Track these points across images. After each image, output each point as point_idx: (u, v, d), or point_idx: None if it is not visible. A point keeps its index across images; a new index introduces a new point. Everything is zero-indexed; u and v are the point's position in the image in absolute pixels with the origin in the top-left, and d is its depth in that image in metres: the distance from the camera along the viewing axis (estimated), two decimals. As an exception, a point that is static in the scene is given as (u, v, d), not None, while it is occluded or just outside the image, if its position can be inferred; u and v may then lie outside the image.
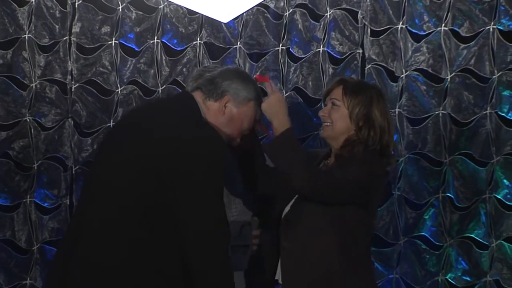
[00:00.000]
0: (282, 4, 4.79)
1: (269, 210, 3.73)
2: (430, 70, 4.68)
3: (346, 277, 3.43)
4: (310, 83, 4.78)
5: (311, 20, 4.77)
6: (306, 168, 3.40)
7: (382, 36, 4.72)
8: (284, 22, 4.78)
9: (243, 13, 4.76)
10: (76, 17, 4.84)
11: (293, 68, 4.79)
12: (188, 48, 4.83)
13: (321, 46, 4.76)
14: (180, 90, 4.77)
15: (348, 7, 4.75)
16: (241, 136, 3.47)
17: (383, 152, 3.51)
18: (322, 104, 4.66)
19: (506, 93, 4.61)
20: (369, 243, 3.57)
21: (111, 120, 4.83)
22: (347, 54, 4.75)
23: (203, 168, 3.19)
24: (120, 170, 3.23)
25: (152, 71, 4.84)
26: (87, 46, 4.86)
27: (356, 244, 3.46)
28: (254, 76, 3.64)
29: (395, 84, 4.69)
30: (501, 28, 4.61)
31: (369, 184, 3.44)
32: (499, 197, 4.60)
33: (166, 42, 4.84)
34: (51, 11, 4.85)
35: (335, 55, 4.76)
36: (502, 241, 4.59)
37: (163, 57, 4.83)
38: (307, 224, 3.47)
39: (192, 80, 3.84)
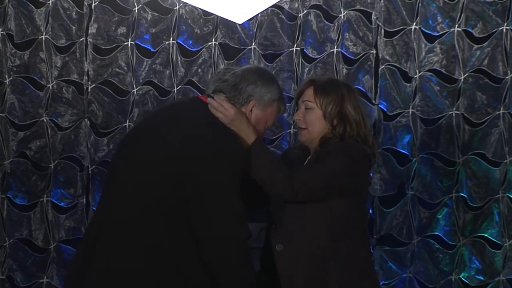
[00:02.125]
0: (296, 5, 4.81)
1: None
2: (443, 71, 4.69)
3: (342, 271, 3.42)
4: (324, 84, 4.79)
5: (325, 21, 4.79)
6: (282, 174, 3.41)
7: (396, 37, 4.74)
8: (299, 23, 4.80)
9: (257, 14, 4.78)
10: (92, 18, 4.86)
11: (307, 68, 4.81)
12: (203, 49, 4.85)
13: (335, 47, 4.78)
14: (195, 91, 4.81)
15: (362, 8, 4.77)
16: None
17: (363, 142, 3.54)
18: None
19: (519, 93, 4.64)
20: (363, 231, 3.57)
21: (127, 120, 4.86)
22: (361, 54, 4.77)
23: (220, 168, 3.21)
24: (141, 172, 3.25)
25: (167, 71, 4.86)
26: (103, 47, 4.88)
27: (349, 236, 3.45)
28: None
29: (408, 84, 4.71)
30: (514, 28, 4.64)
31: (350, 171, 3.44)
32: (512, 196, 4.62)
33: (182, 43, 4.86)
34: (68, 12, 4.87)
35: (349, 55, 4.78)
36: (515, 241, 4.61)
37: (179, 58, 4.85)
38: (294, 225, 3.48)
39: (213, 83, 3.83)
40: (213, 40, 4.85)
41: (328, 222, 3.44)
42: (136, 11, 4.86)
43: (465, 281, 4.68)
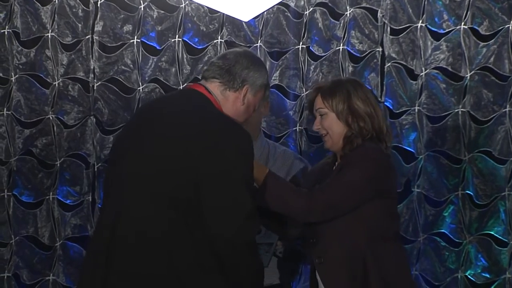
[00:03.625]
0: (302, 3, 4.81)
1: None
2: (449, 68, 4.70)
3: (382, 273, 3.46)
4: (330, 81, 4.80)
5: (331, 19, 4.79)
6: (302, 199, 3.43)
7: (402, 34, 4.74)
8: (304, 20, 4.81)
9: (263, 12, 4.78)
10: (98, 16, 4.87)
11: (313, 66, 4.82)
12: (209, 47, 4.86)
13: (341, 45, 4.79)
14: None
15: (368, 5, 4.77)
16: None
17: (379, 137, 3.57)
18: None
19: (525, 91, 4.64)
20: (397, 231, 3.61)
21: (133, 118, 4.87)
22: (367, 52, 4.77)
23: (231, 159, 3.18)
24: (149, 169, 3.21)
25: (173, 69, 4.87)
26: (109, 45, 4.89)
27: (385, 237, 3.49)
28: None
29: (414, 82, 4.72)
30: (520, 26, 4.64)
31: (371, 177, 3.45)
32: (518, 194, 4.63)
33: (187, 41, 4.87)
34: (74, 10, 4.88)
35: (355, 53, 4.78)
36: (522, 238, 4.62)
37: (184, 56, 4.85)
38: (330, 237, 3.50)
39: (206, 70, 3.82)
40: (219, 37, 4.86)
41: (364, 228, 3.47)
42: (142, 8, 4.87)
43: (471, 278, 4.68)
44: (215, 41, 4.85)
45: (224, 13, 4.80)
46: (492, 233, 4.66)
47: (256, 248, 3.23)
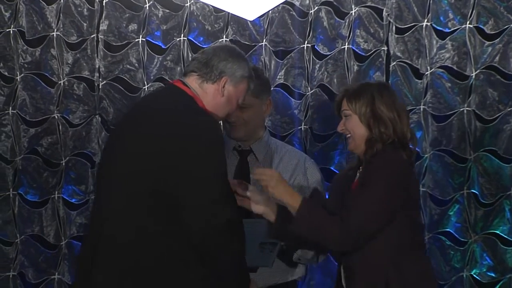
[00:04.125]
0: (307, 1, 4.81)
1: None
2: (455, 67, 4.70)
3: (406, 282, 3.50)
4: (335, 80, 4.80)
5: (336, 18, 4.79)
6: (336, 228, 3.44)
7: (407, 33, 4.74)
8: (310, 19, 4.81)
9: (268, 11, 4.78)
10: (103, 15, 4.87)
11: (318, 65, 4.81)
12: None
13: (346, 44, 4.79)
14: None
15: (373, 4, 4.77)
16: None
17: (402, 142, 3.58)
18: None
19: (531, 90, 4.64)
20: (421, 241, 3.66)
21: (138, 117, 4.87)
22: (372, 51, 4.77)
23: (200, 153, 3.24)
24: (128, 168, 3.29)
25: (178, 68, 4.86)
26: (114, 44, 4.89)
27: (407, 250, 3.52)
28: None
29: (420, 81, 4.71)
30: (526, 25, 4.64)
31: (398, 190, 3.47)
32: (523, 193, 4.62)
33: (193, 40, 4.87)
34: (79, 9, 4.88)
35: (360, 52, 4.78)
36: (527, 238, 4.62)
37: (190, 55, 4.85)
38: (359, 258, 3.54)
39: (187, 65, 3.84)
40: (224, 36, 4.86)
41: (387, 240, 3.50)
42: (147, 7, 4.87)
43: (477, 277, 4.68)
44: (220, 40, 4.85)
45: (229, 12, 4.80)
46: (497, 232, 4.65)
47: (235, 230, 3.28)
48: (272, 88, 4.79)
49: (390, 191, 3.46)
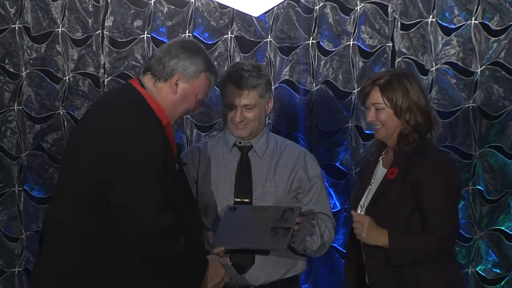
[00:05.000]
0: (312, -2, 4.82)
1: None
2: (460, 64, 4.69)
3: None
4: (340, 76, 4.80)
5: (341, 14, 4.79)
6: (432, 240, 3.59)
7: (412, 29, 4.73)
8: (315, 16, 4.80)
9: (273, 7, 4.78)
10: (108, 11, 4.88)
11: (323, 61, 4.81)
12: (219, 42, 4.86)
13: (351, 40, 4.78)
14: None
15: (378, 0, 4.76)
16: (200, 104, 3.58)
17: (429, 128, 3.73)
18: (352, 99, 4.72)
19: (536, 86, 4.64)
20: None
21: (143, 113, 4.87)
22: (377, 47, 4.77)
23: (138, 161, 3.28)
24: (69, 169, 3.37)
25: (183, 64, 4.87)
26: (119, 40, 4.90)
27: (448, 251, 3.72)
28: None
29: (425, 77, 4.71)
30: (531, 21, 4.63)
31: (458, 192, 3.78)
32: (529, 189, 4.62)
33: (198, 36, 4.87)
34: (84, 5, 4.89)
35: (365, 48, 4.78)
36: (532, 234, 4.61)
37: (195, 51, 4.86)
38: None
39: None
40: (229, 33, 4.86)
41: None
42: (152, 4, 4.88)
43: (482, 274, 4.67)
44: (225, 36, 4.85)
45: (234, 8, 4.80)
46: (502, 228, 4.64)
47: (172, 235, 3.33)
48: (277, 84, 4.81)
49: (455, 194, 3.69)
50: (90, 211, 3.31)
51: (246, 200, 3.94)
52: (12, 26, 4.89)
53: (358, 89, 4.48)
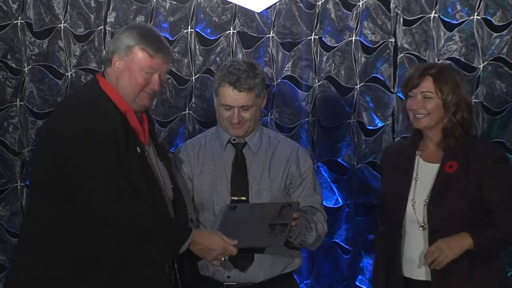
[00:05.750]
0: (314, -7, 4.82)
1: None
2: (462, 59, 4.69)
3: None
4: (343, 72, 4.80)
5: (344, 10, 4.79)
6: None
7: (415, 25, 4.73)
8: (317, 11, 4.81)
9: (276, 3, 4.79)
10: (111, 7, 4.88)
11: (325, 57, 4.82)
12: (222, 38, 4.86)
13: (354, 35, 4.79)
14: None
15: (380, -4, 4.78)
16: (149, 90, 3.61)
17: (472, 121, 3.93)
18: (354, 95, 4.72)
19: (539, 81, 4.63)
20: None
21: (145, 109, 4.88)
22: (379, 43, 4.77)
23: (80, 147, 3.43)
24: (34, 157, 3.65)
25: (185, 60, 4.87)
26: (121, 36, 4.90)
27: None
28: None
29: (427, 73, 4.71)
30: (534, 16, 4.63)
31: None
32: (531, 185, 4.61)
33: (200, 32, 4.87)
34: (86, 1, 4.89)
35: (367, 44, 4.78)
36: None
37: (197, 46, 4.86)
38: None
39: None
40: (232, 28, 4.86)
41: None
42: (155, -1, 4.88)
43: (484, 269, 4.67)
44: (227, 32, 4.86)
45: (236, 4, 4.81)
46: (505, 224, 4.65)
47: (127, 201, 3.45)
48: (279, 80, 4.82)
49: None
50: (52, 196, 3.46)
51: (243, 198, 3.94)
52: (15, 21, 4.89)
53: (362, 83, 4.48)
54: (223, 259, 3.68)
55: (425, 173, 3.82)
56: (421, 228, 3.77)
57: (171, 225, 3.60)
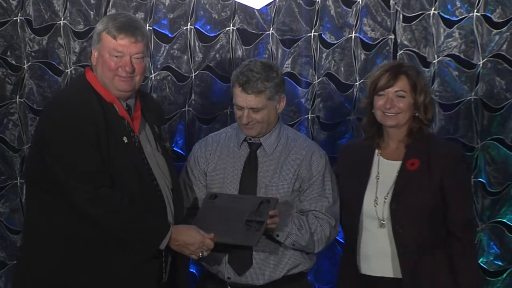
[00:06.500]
0: (314, -10, 4.83)
1: None
2: (462, 56, 4.70)
3: None
4: (342, 69, 4.81)
5: (343, 6, 4.80)
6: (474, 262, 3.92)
7: (414, 22, 4.74)
8: (317, 8, 4.81)
9: (275, 0, 4.79)
10: (110, 4, 4.88)
11: (325, 54, 4.83)
12: (221, 34, 4.87)
13: (353, 32, 4.80)
14: (213, 76, 4.85)
15: (380, -7, 4.79)
16: (124, 73, 3.67)
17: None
18: (354, 92, 4.73)
19: (538, 78, 4.64)
20: None
21: (145, 106, 4.88)
22: (379, 40, 4.78)
23: (57, 137, 3.55)
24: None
25: (185, 57, 4.88)
26: (121, 33, 4.89)
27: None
28: None
29: (427, 69, 4.72)
30: (533, 13, 4.64)
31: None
32: (531, 182, 4.63)
33: (199, 28, 4.88)
34: (86, -3, 4.90)
35: (367, 41, 4.79)
36: (534, 226, 4.62)
37: (196, 43, 4.86)
38: None
39: None
40: (231, 25, 4.87)
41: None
42: (154, -4, 4.89)
43: (484, 266, 4.68)
44: (227, 28, 4.86)
45: (236, 1, 4.81)
46: (504, 220, 4.66)
47: (94, 197, 3.52)
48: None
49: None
50: (43, 190, 3.56)
51: None
52: (14, 18, 4.89)
53: (362, 80, 4.56)
54: (200, 254, 3.69)
55: (386, 171, 3.87)
56: (380, 226, 3.81)
57: (149, 222, 3.61)
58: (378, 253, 3.83)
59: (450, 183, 3.79)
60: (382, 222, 3.81)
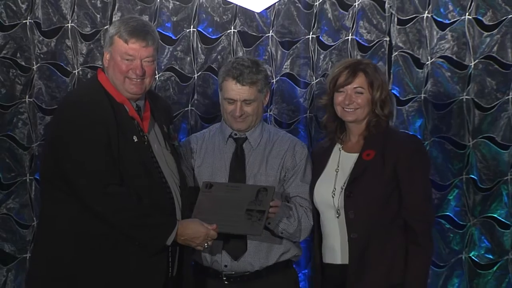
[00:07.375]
0: (312, -6, 4.86)
1: None
2: (454, 57, 4.76)
3: None
4: (339, 70, 4.86)
5: (340, 10, 4.85)
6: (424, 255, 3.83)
7: (409, 24, 4.80)
8: (314, 11, 4.86)
9: (275, 3, 4.83)
10: (116, 7, 4.91)
11: (322, 55, 4.88)
12: (223, 37, 4.91)
13: (350, 35, 4.84)
14: (215, 77, 4.85)
15: (376, -4, 4.82)
16: (133, 75, 3.73)
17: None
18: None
19: (528, 79, 4.68)
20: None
21: (150, 105, 4.93)
22: (374, 42, 4.83)
23: (61, 134, 3.63)
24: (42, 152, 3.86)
25: (188, 58, 4.92)
26: (126, 35, 4.94)
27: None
28: None
29: (420, 70, 4.79)
30: (523, 16, 4.67)
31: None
32: (520, 178, 4.68)
33: (202, 31, 4.91)
34: (93, 1, 4.93)
35: (363, 43, 4.85)
36: (524, 221, 4.67)
37: (199, 45, 4.91)
38: None
39: None
40: (232, 28, 4.91)
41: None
42: (158, 0, 4.92)
43: (475, 259, 4.75)
44: (228, 31, 4.91)
45: (237, 4, 4.86)
46: (495, 215, 4.73)
47: (103, 193, 3.59)
48: (278, 78, 4.87)
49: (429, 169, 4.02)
50: (56, 187, 3.63)
51: None
52: (24, 21, 4.92)
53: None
54: (206, 244, 3.75)
55: (345, 163, 3.93)
56: (337, 215, 3.88)
57: (156, 219, 3.67)
58: (334, 242, 3.88)
59: (404, 171, 3.78)
60: (338, 210, 3.87)
